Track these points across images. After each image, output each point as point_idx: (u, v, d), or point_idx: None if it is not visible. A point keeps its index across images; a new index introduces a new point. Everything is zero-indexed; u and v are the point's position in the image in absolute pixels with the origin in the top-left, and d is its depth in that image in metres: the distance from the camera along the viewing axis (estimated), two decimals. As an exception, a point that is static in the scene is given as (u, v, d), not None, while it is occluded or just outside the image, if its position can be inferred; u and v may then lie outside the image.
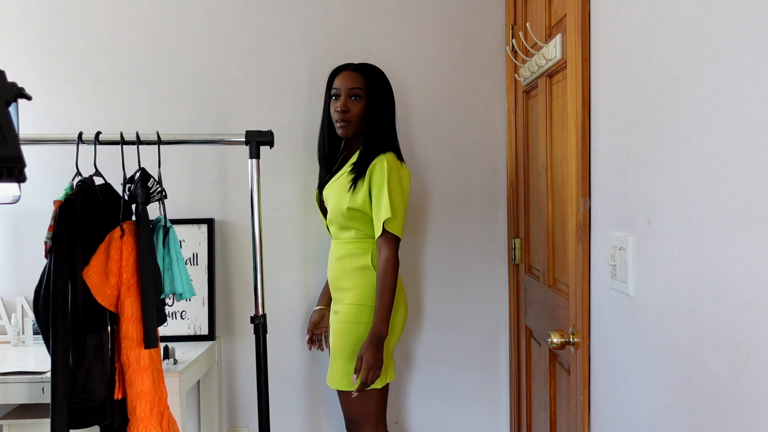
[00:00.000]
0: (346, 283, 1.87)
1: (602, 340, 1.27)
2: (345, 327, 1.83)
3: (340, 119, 1.84)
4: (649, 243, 1.03)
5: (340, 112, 1.84)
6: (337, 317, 1.88)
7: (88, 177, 1.53)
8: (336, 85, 1.87)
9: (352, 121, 1.84)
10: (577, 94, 1.33)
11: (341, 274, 1.88)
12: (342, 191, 1.85)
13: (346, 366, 1.83)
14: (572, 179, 1.38)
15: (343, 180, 1.86)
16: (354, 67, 1.89)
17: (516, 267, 2.19)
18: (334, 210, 1.87)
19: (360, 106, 1.85)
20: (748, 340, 0.74)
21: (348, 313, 1.84)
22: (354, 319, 1.83)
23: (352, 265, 1.86)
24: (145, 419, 1.48)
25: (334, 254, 1.92)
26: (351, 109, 1.84)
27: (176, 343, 2.10)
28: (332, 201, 1.88)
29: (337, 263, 1.90)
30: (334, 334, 1.87)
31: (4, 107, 1.15)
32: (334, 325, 1.90)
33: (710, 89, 0.81)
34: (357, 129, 1.87)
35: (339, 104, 1.84)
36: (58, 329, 1.42)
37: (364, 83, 1.85)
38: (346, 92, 1.84)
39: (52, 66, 2.22)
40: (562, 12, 1.53)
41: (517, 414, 2.20)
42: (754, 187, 0.72)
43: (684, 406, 0.91)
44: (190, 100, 2.23)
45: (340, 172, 1.90)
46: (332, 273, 1.93)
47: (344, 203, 1.82)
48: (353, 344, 1.81)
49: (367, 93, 1.85)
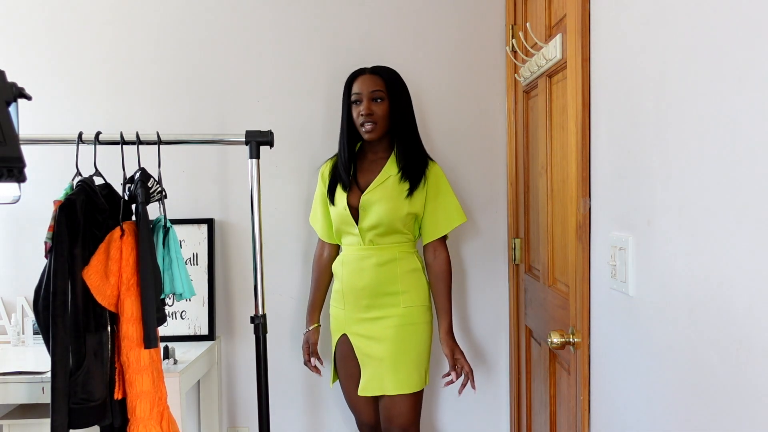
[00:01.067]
0: (397, 286, 1.88)
1: (602, 340, 1.27)
2: (409, 329, 1.87)
3: (367, 122, 1.85)
4: (649, 243, 1.03)
5: (366, 116, 1.85)
6: (391, 322, 1.87)
7: (88, 177, 1.53)
8: (356, 89, 1.88)
9: (378, 123, 1.86)
10: (577, 94, 1.33)
11: (389, 278, 1.87)
12: (398, 197, 1.86)
13: (416, 368, 1.87)
14: (572, 179, 1.38)
15: (394, 185, 1.87)
16: (371, 71, 1.90)
17: (516, 267, 2.19)
18: (386, 215, 1.85)
19: (384, 108, 1.87)
20: (748, 339, 0.74)
21: (410, 316, 1.87)
22: (417, 320, 1.89)
23: (402, 268, 1.89)
24: (145, 419, 1.48)
25: (373, 260, 1.88)
26: (375, 112, 1.85)
27: (176, 343, 2.10)
28: (384, 206, 1.85)
29: (382, 268, 1.87)
30: (393, 340, 1.86)
31: (4, 107, 1.15)
32: (385, 331, 1.87)
33: (710, 89, 0.81)
34: (383, 131, 1.88)
35: (363, 108, 1.85)
36: (58, 329, 1.42)
37: (384, 85, 1.87)
38: (368, 95, 1.86)
39: (52, 66, 2.22)
40: (562, 12, 1.53)
41: (517, 414, 2.20)
42: (754, 187, 0.72)
43: (684, 405, 0.91)
44: (190, 100, 2.23)
45: (381, 177, 1.88)
46: (373, 279, 1.88)
47: (403, 208, 1.86)
48: (419, 345, 1.89)
49: (389, 94, 1.87)
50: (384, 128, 1.88)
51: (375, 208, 1.86)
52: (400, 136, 1.90)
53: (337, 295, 1.97)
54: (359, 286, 1.90)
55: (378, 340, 1.88)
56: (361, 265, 1.90)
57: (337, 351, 1.98)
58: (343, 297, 1.94)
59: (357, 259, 1.91)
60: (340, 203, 1.91)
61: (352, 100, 1.89)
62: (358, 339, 1.91)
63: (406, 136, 1.90)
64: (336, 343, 1.98)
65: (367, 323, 1.89)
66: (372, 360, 1.88)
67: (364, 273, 1.89)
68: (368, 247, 1.90)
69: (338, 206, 1.92)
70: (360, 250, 1.91)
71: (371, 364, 1.88)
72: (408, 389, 1.85)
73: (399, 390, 1.84)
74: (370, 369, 1.88)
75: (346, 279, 1.92)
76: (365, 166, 1.94)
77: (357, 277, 1.90)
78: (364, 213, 1.88)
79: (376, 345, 1.87)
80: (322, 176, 2.02)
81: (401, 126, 1.89)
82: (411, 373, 1.86)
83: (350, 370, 1.95)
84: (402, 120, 1.89)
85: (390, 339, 1.86)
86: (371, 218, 1.86)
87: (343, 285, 1.93)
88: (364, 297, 1.89)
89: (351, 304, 1.92)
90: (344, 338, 1.94)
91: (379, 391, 1.86)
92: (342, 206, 1.90)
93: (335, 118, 2.22)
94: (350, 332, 1.93)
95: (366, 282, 1.89)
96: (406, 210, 1.87)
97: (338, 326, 1.97)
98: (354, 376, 1.94)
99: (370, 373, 1.88)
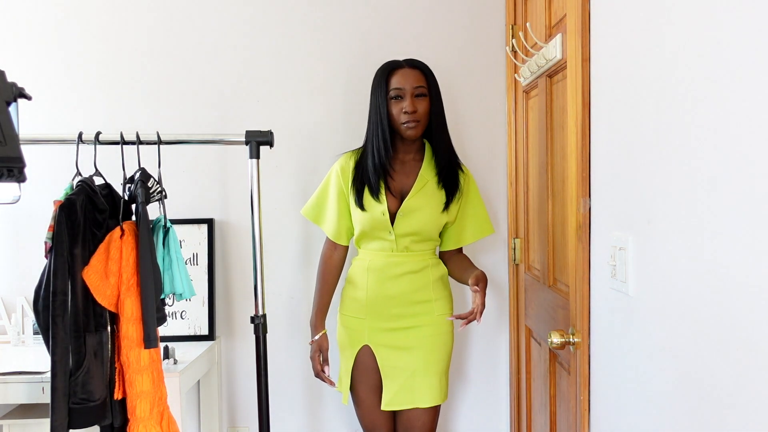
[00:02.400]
0: (429, 294, 1.82)
1: (602, 340, 1.27)
2: (441, 339, 1.83)
3: (411, 120, 1.73)
4: (649, 243, 1.03)
5: (411, 113, 1.73)
6: (425, 331, 1.81)
7: (88, 177, 1.53)
8: (397, 84, 1.75)
9: (421, 121, 1.75)
10: (577, 94, 1.33)
11: (421, 286, 1.82)
12: (438, 204, 1.81)
13: (445, 378, 1.85)
14: (572, 179, 1.38)
15: (433, 191, 1.81)
16: (411, 64, 1.80)
17: (516, 267, 2.19)
18: (426, 223, 1.79)
19: (426, 105, 1.76)
20: (748, 339, 0.74)
21: (441, 325, 1.84)
22: (448, 329, 1.86)
23: (434, 275, 1.85)
24: (145, 419, 1.48)
25: (406, 267, 1.81)
26: (419, 109, 1.74)
27: (176, 343, 2.10)
28: (426, 214, 1.79)
29: (414, 276, 1.81)
30: (426, 350, 1.80)
31: (4, 107, 1.15)
32: (418, 341, 1.80)
33: (710, 88, 0.81)
34: (423, 130, 1.79)
35: (407, 105, 1.73)
36: (58, 329, 1.42)
37: (426, 80, 1.77)
38: (411, 91, 1.74)
39: (52, 66, 2.22)
40: (562, 12, 1.53)
41: (517, 414, 2.20)
42: (754, 186, 0.72)
43: (684, 405, 0.91)
44: (190, 100, 2.23)
45: (420, 182, 1.80)
46: (404, 287, 1.81)
47: (443, 216, 1.82)
48: (447, 354, 1.86)
49: (430, 90, 1.78)
50: (425, 126, 1.78)
51: (417, 215, 1.78)
52: (436, 137, 1.81)
53: (356, 304, 1.85)
54: (389, 295, 1.81)
55: (409, 349, 1.80)
56: (394, 272, 1.81)
57: (358, 364, 1.85)
58: (366, 306, 1.83)
59: (388, 265, 1.82)
60: (376, 207, 1.78)
61: (392, 95, 1.75)
62: (383, 350, 1.81)
63: (441, 137, 1.81)
64: (356, 355, 1.85)
65: (395, 333, 1.81)
66: (400, 371, 1.79)
67: (396, 281, 1.81)
68: (401, 254, 1.81)
69: (372, 210, 1.79)
70: (391, 256, 1.82)
71: (399, 375, 1.79)
72: (439, 400, 1.81)
73: (432, 402, 1.78)
74: (398, 381, 1.79)
75: (372, 287, 1.82)
76: (396, 167, 1.83)
77: (387, 285, 1.81)
78: (402, 219, 1.78)
79: (406, 355, 1.80)
80: (343, 172, 1.85)
81: (440, 125, 1.81)
82: (441, 383, 1.82)
83: (372, 383, 1.84)
84: (439, 119, 1.80)
85: (423, 348, 1.79)
86: (411, 225, 1.78)
87: (368, 293, 1.82)
88: (395, 305, 1.81)
89: (376, 314, 1.82)
90: (366, 350, 1.83)
91: (410, 404, 1.78)
92: (380, 211, 1.78)
93: (335, 117, 2.23)
94: (374, 343, 1.82)
95: (399, 290, 1.80)
96: (445, 218, 1.83)
97: (357, 338, 1.84)
98: (376, 390, 1.84)
99: (398, 386, 1.79)
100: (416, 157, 1.85)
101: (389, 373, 1.81)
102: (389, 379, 1.80)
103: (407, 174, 1.83)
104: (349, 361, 1.86)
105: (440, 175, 1.81)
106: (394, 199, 1.81)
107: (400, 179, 1.82)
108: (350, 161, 1.86)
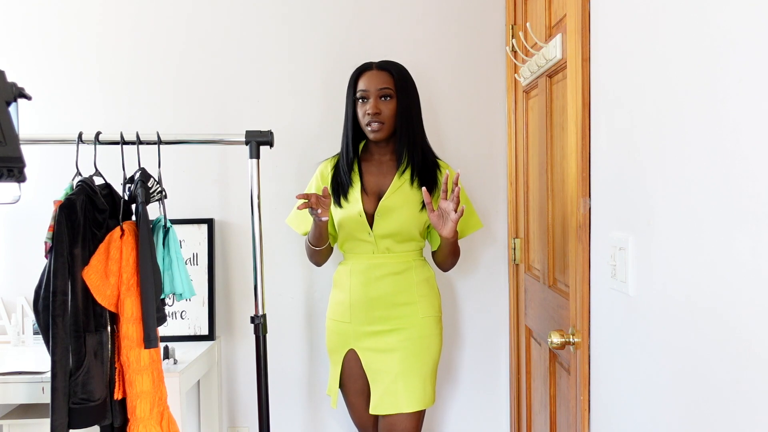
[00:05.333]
0: (412, 296, 1.80)
1: (602, 340, 1.27)
2: (424, 342, 1.79)
3: (373, 122, 1.75)
4: (649, 243, 1.03)
5: (372, 115, 1.74)
6: (406, 333, 1.78)
7: (88, 177, 1.53)
8: (362, 86, 1.77)
9: (385, 123, 1.76)
10: (577, 94, 1.33)
11: (404, 287, 1.80)
12: (416, 203, 1.79)
13: (430, 382, 1.80)
14: (572, 179, 1.38)
15: (411, 192, 1.79)
16: (378, 66, 1.80)
17: (516, 267, 2.19)
18: (405, 222, 1.78)
19: (392, 107, 1.77)
20: (748, 340, 0.74)
21: (425, 327, 1.80)
22: (432, 332, 1.82)
23: (419, 276, 1.82)
24: (145, 419, 1.48)
25: (388, 268, 1.80)
26: (383, 111, 1.75)
27: (176, 343, 2.10)
28: (405, 213, 1.78)
29: (397, 277, 1.80)
30: (407, 352, 1.77)
31: (4, 107, 1.15)
32: (399, 343, 1.78)
33: (710, 89, 0.81)
34: (390, 131, 1.79)
35: (369, 106, 1.75)
36: (58, 329, 1.42)
37: (393, 82, 1.77)
38: (376, 93, 1.76)
39: (52, 66, 2.22)
40: (562, 12, 1.53)
41: (517, 414, 2.20)
42: (754, 186, 0.72)
43: (684, 405, 0.91)
44: (190, 100, 2.23)
45: (397, 181, 1.80)
46: (388, 288, 1.79)
47: (423, 216, 1.79)
48: (432, 358, 1.82)
49: (397, 92, 1.77)
50: (391, 128, 1.78)
51: (395, 215, 1.77)
52: (408, 138, 1.79)
53: (341, 307, 1.85)
54: (372, 297, 1.79)
55: (391, 352, 1.78)
56: (375, 274, 1.80)
57: (345, 368, 1.85)
58: (349, 309, 1.82)
59: (369, 267, 1.81)
60: (352, 208, 1.79)
61: (358, 97, 1.78)
62: (367, 354, 1.80)
63: (413, 137, 1.80)
64: (342, 360, 1.85)
65: (378, 336, 1.79)
66: (384, 375, 1.77)
67: (378, 282, 1.79)
68: (383, 255, 1.80)
69: (349, 211, 1.79)
70: (372, 258, 1.81)
71: (383, 380, 1.77)
72: (422, 405, 1.77)
73: (413, 407, 1.75)
74: (382, 386, 1.77)
75: (355, 289, 1.81)
76: (372, 168, 1.84)
77: (370, 287, 1.79)
78: (380, 219, 1.78)
79: (389, 359, 1.78)
80: (322, 176, 1.90)
81: (408, 126, 1.79)
82: (425, 387, 1.79)
83: (360, 387, 1.85)
84: (409, 120, 1.79)
85: (403, 351, 1.77)
86: (390, 225, 1.78)
87: (351, 296, 1.82)
88: (377, 308, 1.79)
89: (360, 317, 1.81)
90: (352, 354, 1.83)
91: (393, 409, 1.75)
92: (356, 211, 1.78)
93: (336, 117, 2.22)
94: (358, 347, 1.82)
95: (380, 292, 1.79)
96: (425, 217, 1.80)
97: (342, 342, 1.84)
98: (364, 393, 1.84)
99: (382, 390, 1.77)
100: (392, 157, 1.85)
101: (374, 377, 1.80)
102: (374, 383, 1.80)
103: (384, 174, 1.84)
104: (337, 365, 1.87)
105: (413, 174, 1.80)
106: (372, 200, 1.81)
107: (377, 180, 1.83)
108: (329, 166, 1.91)
